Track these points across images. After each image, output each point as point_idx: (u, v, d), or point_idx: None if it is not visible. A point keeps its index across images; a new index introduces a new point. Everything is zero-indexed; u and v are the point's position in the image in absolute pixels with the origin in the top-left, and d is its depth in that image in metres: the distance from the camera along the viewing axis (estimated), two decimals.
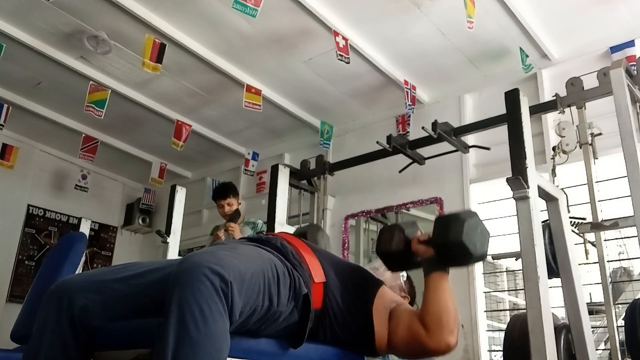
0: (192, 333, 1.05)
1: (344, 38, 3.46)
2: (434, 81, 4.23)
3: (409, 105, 3.99)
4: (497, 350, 3.74)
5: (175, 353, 1.04)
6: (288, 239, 1.53)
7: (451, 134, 3.53)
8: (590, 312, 2.60)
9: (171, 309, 1.08)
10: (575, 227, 2.77)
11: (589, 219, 2.81)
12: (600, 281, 2.72)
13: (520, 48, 3.61)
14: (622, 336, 2.49)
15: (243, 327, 1.23)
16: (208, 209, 5.65)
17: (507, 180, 2.15)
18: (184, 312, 1.06)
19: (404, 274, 1.94)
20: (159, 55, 3.51)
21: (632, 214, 2.40)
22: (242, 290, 1.15)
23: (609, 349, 2.82)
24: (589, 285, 3.29)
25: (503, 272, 5.16)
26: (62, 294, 1.28)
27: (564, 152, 3.03)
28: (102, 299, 1.29)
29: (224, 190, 3.97)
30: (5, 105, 4.27)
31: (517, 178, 2.11)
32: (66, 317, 1.26)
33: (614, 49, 3.51)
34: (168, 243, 3.53)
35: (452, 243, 1.40)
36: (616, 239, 3.74)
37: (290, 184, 3.83)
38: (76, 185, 5.37)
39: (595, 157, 2.92)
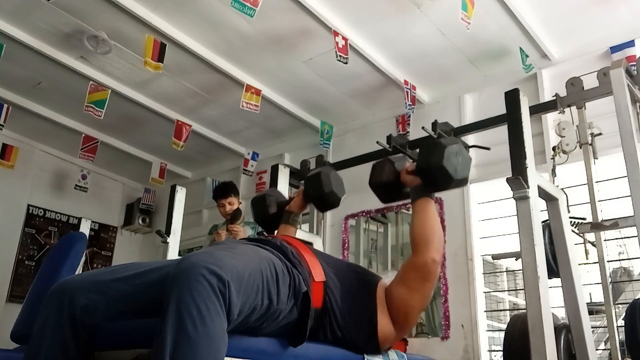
0: (190, 333, 1.05)
1: (343, 38, 3.46)
2: (434, 81, 4.23)
3: (409, 105, 3.99)
4: (497, 350, 3.75)
5: (173, 353, 1.04)
6: (288, 240, 1.54)
7: (451, 134, 3.53)
8: (590, 312, 2.60)
9: (169, 309, 1.08)
10: (575, 227, 2.77)
11: (589, 219, 2.81)
12: (600, 281, 2.72)
13: (520, 48, 3.61)
14: (622, 336, 2.49)
15: (243, 325, 1.23)
16: (208, 209, 5.66)
17: (507, 180, 2.15)
18: (181, 312, 1.07)
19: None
20: (159, 54, 3.52)
21: (632, 214, 2.40)
22: (240, 290, 1.15)
23: (609, 349, 2.82)
24: (589, 285, 3.29)
25: (503, 272, 5.16)
26: (63, 294, 1.28)
27: (564, 152, 3.03)
28: (103, 299, 1.29)
29: (224, 190, 3.96)
30: (5, 105, 4.27)
31: (517, 178, 2.12)
32: (67, 317, 1.26)
33: (614, 49, 3.51)
34: (168, 243, 3.53)
35: (434, 167, 1.52)
36: (616, 239, 3.75)
37: (290, 184, 3.83)
38: (76, 185, 5.37)
39: (595, 157, 2.92)
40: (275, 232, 2.03)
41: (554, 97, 3.16)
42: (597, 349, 2.87)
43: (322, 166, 1.92)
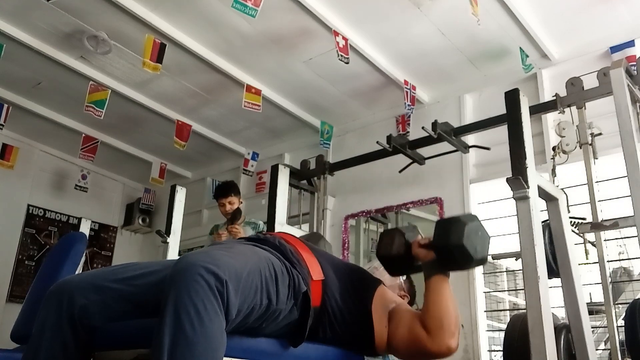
0: (188, 332, 1.05)
1: (344, 38, 3.46)
2: (434, 81, 4.23)
3: (409, 105, 3.99)
4: (497, 350, 3.74)
5: (171, 353, 1.05)
6: (286, 238, 1.53)
7: (451, 134, 3.53)
8: (590, 312, 2.60)
9: (167, 309, 1.08)
10: (575, 227, 2.77)
11: (589, 219, 2.81)
12: (600, 281, 2.72)
13: (520, 48, 3.61)
14: (622, 336, 2.49)
15: (243, 325, 1.23)
16: (208, 209, 5.66)
17: (507, 180, 2.15)
18: (179, 311, 1.07)
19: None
20: (159, 55, 3.52)
21: (632, 214, 2.40)
22: (238, 289, 1.15)
23: (609, 349, 2.82)
24: (589, 285, 3.29)
25: (503, 272, 5.16)
26: (62, 294, 1.28)
27: (564, 152, 3.03)
28: (102, 299, 1.29)
29: (225, 189, 3.97)
30: (5, 105, 4.27)
31: (517, 178, 2.11)
32: (66, 317, 1.26)
33: (614, 49, 3.51)
34: (168, 243, 3.53)
35: (453, 246, 1.41)
36: (616, 239, 3.74)
37: (290, 184, 3.83)
38: (76, 185, 5.36)
39: (595, 157, 2.92)
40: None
41: (554, 97, 3.16)
42: (597, 349, 2.87)
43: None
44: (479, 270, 3.83)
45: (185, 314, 1.06)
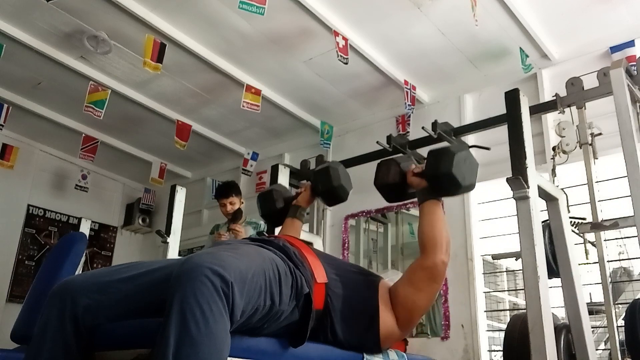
0: (193, 333, 1.05)
1: (344, 38, 3.46)
2: (434, 81, 4.23)
3: (409, 105, 3.99)
4: (497, 350, 3.75)
5: (176, 353, 1.05)
6: (290, 241, 1.54)
7: (451, 134, 3.53)
8: (590, 312, 2.60)
9: (172, 310, 1.08)
10: (575, 227, 2.77)
11: (589, 219, 2.81)
12: (600, 281, 2.72)
13: (520, 48, 3.61)
14: (622, 336, 2.49)
15: (245, 325, 1.23)
16: (208, 209, 5.66)
17: (507, 180, 2.15)
18: (185, 312, 1.07)
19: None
20: (159, 55, 3.52)
21: (632, 214, 2.40)
22: (243, 291, 1.15)
23: (609, 349, 2.83)
24: (589, 285, 3.29)
25: (503, 272, 5.17)
26: (65, 294, 1.28)
27: (564, 152, 3.03)
28: (105, 299, 1.29)
29: (226, 189, 3.96)
30: (5, 105, 4.27)
31: (517, 178, 2.12)
32: (69, 318, 1.26)
33: (614, 49, 3.51)
34: (168, 243, 3.53)
35: (443, 174, 1.54)
36: (616, 239, 3.75)
37: (290, 184, 3.83)
38: (76, 185, 5.36)
39: (595, 157, 2.92)
40: (280, 228, 2.03)
41: (554, 97, 3.16)
42: (597, 349, 2.87)
43: (331, 161, 1.93)
44: (479, 271, 3.83)
45: (191, 314, 1.06)
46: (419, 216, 1.62)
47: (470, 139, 3.76)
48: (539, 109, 3.30)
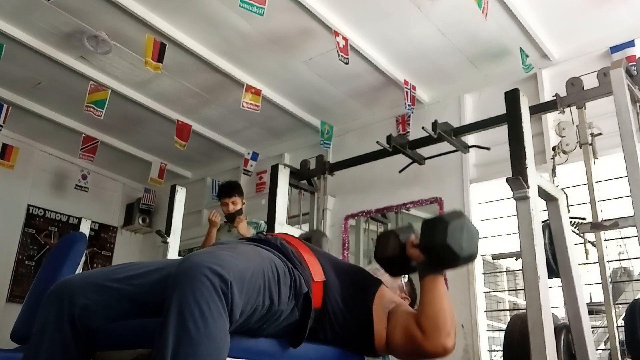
0: (192, 333, 1.05)
1: (344, 38, 3.46)
2: (434, 81, 4.23)
3: (409, 105, 3.99)
4: (497, 350, 3.75)
5: (174, 353, 1.04)
6: (287, 239, 1.53)
7: (451, 134, 3.54)
8: (590, 312, 2.60)
9: (171, 309, 1.08)
10: (575, 227, 2.77)
11: (589, 219, 2.81)
12: (600, 281, 2.72)
13: (520, 48, 3.61)
14: (622, 336, 2.49)
15: (244, 326, 1.23)
16: (208, 209, 5.64)
17: (507, 180, 2.15)
18: (183, 312, 1.06)
19: (405, 275, 1.94)
20: (159, 55, 3.52)
21: (632, 214, 2.40)
22: (242, 290, 1.15)
23: (609, 349, 2.82)
24: (589, 285, 3.28)
25: (503, 272, 5.17)
26: (63, 294, 1.28)
27: (564, 152, 3.03)
28: (103, 299, 1.29)
29: (229, 189, 3.95)
30: (5, 105, 4.27)
31: (517, 178, 2.12)
32: (67, 317, 1.25)
33: (614, 49, 3.51)
34: (168, 243, 3.54)
35: (438, 246, 1.41)
36: (616, 239, 3.74)
37: (290, 184, 3.83)
38: (76, 185, 5.36)
39: (595, 157, 2.92)
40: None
41: (554, 97, 3.16)
42: (597, 349, 2.87)
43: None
44: (479, 271, 3.83)
45: (190, 314, 1.06)
46: (420, 292, 1.48)
47: (470, 139, 3.77)
48: (539, 109, 3.30)
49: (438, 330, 1.37)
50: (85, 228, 4.17)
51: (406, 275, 1.95)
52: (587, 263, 2.97)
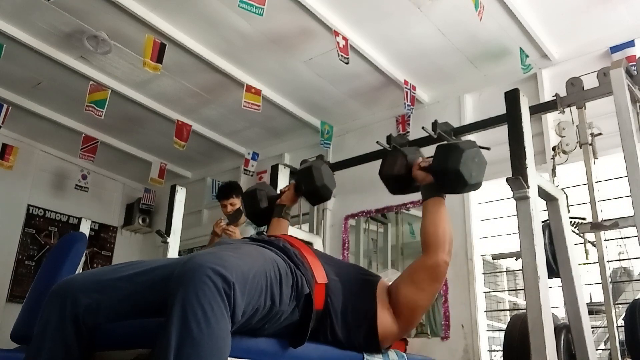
0: (195, 334, 1.05)
1: (344, 38, 3.46)
2: (434, 81, 4.23)
3: (408, 105, 3.99)
4: (497, 350, 3.75)
5: (177, 353, 1.05)
6: (290, 241, 1.54)
7: (451, 134, 3.53)
8: (590, 312, 2.60)
9: (174, 309, 1.08)
10: (575, 227, 2.77)
11: (589, 219, 2.81)
12: (600, 281, 2.72)
13: (520, 48, 3.61)
14: (622, 336, 2.49)
15: (245, 326, 1.23)
16: (208, 209, 5.66)
17: (507, 180, 2.15)
18: (186, 312, 1.07)
19: None
20: (159, 55, 3.52)
21: (632, 214, 2.40)
22: (244, 291, 1.15)
23: (609, 349, 2.83)
24: (589, 285, 3.29)
25: (503, 272, 5.17)
26: (66, 294, 1.28)
27: (564, 152, 3.03)
28: (106, 298, 1.29)
29: (227, 190, 3.96)
30: (5, 105, 4.26)
31: (517, 178, 2.12)
32: (69, 317, 1.25)
33: (614, 49, 3.51)
34: (168, 243, 3.53)
35: (450, 171, 1.51)
36: (616, 239, 3.75)
37: None
38: (76, 185, 5.36)
39: (595, 157, 2.92)
40: (268, 227, 2.03)
41: (554, 97, 3.16)
42: (597, 349, 2.87)
43: (313, 160, 1.90)
44: (479, 270, 3.83)
45: (193, 314, 1.06)
46: (422, 213, 1.59)
47: (470, 139, 3.76)
48: (539, 109, 3.30)
49: (438, 245, 1.50)
50: (85, 228, 4.16)
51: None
52: (587, 263, 2.97)
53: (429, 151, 3.84)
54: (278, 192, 2.11)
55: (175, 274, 1.14)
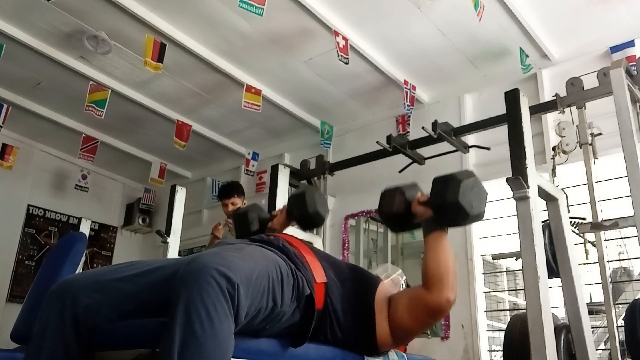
0: (198, 334, 1.05)
1: (344, 38, 3.46)
2: (434, 81, 4.23)
3: (408, 105, 3.99)
4: (497, 350, 3.75)
5: (180, 354, 1.05)
6: (289, 240, 1.53)
7: (451, 134, 3.54)
8: (590, 312, 2.60)
9: (178, 310, 1.08)
10: (575, 227, 2.77)
11: (589, 219, 2.82)
12: (600, 281, 2.72)
13: (520, 48, 3.61)
14: (622, 336, 2.49)
15: (247, 327, 1.23)
16: (208, 209, 5.66)
17: (507, 180, 2.15)
18: (190, 313, 1.07)
19: (403, 283, 1.96)
20: (159, 55, 3.52)
21: (632, 214, 2.40)
22: (248, 292, 1.15)
23: (609, 349, 2.83)
24: (589, 285, 3.29)
25: (503, 272, 5.17)
26: (66, 294, 1.28)
27: (564, 152, 3.04)
28: (107, 298, 1.29)
29: (228, 190, 3.97)
30: (5, 105, 4.27)
31: (517, 178, 2.12)
32: (69, 317, 1.25)
33: (614, 49, 3.51)
34: (168, 243, 3.53)
35: (449, 204, 1.45)
36: (616, 239, 3.75)
37: (290, 184, 3.83)
38: (76, 185, 5.36)
39: (595, 157, 2.92)
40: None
41: (554, 97, 3.16)
42: (597, 349, 2.87)
43: (305, 186, 1.86)
44: (479, 270, 3.84)
45: (196, 315, 1.06)
46: (424, 248, 1.52)
47: (470, 139, 3.76)
48: (539, 109, 3.30)
49: (442, 284, 1.42)
50: (85, 228, 4.16)
51: (404, 283, 1.96)
52: (587, 263, 2.97)
53: (429, 151, 3.86)
54: (270, 214, 2.06)
55: (179, 274, 1.14)
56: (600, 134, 3.00)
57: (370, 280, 1.57)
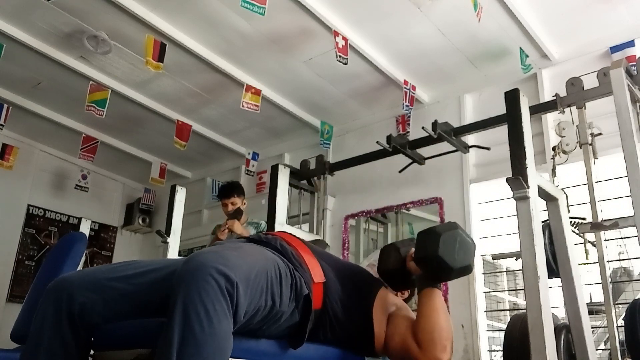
0: (197, 333, 1.05)
1: (344, 38, 3.46)
2: (434, 81, 4.23)
3: (407, 105, 3.99)
4: (497, 350, 3.75)
5: (179, 352, 1.05)
6: (287, 239, 1.52)
7: (451, 134, 3.54)
8: (590, 312, 2.60)
9: (176, 309, 1.08)
10: (575, 227, 2.77)
11: (589, 219, 2.81)
12: (600, 281, 2.72)
13: (520, 48, 3.61)
14: (622, 336, 2.49)
15: (245, 327, 1.23)
16: (208, 209, 5.66)
17: (507, 180, 2.15)
18: (189, 312, 1.06)
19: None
20: (159, 55, 3.52)
21: (632, 214, 2.40)
22: (247, 291, 1.15)
23: (609, 349, 2.82)
24: (589, 285, 3.29)
25: (503, 272, 5.17)
26: (61, 291, 1.28)
27: (564, 152, 3.03)
28: (102, 297, 1.28)
29: (228, 190, 3.98)
30: (5, 105, 4.27)
31: (517, 178, 2.11)
32: (65, 315, 1.25)
33: (614, 49, 3.51)
34: (168, 243, 3.53)
35: (430, 259, 1.40)
36: (616, 239, 3.75)
37: (290, 184, 3.83)
38: (76, 185, 5.36)
39: (595, 157, 2.92)
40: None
41: (554, 97, 3.16)
42: (597, 349, 2.87)
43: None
44: (479, 271, 3.84)
45: (195, 314, 1.06)
46: (417, 304, 1.46)
47: (470, 139, 3.77)
48: (539, 109, 3.30)
49: (434, 344, 1.36)
50: (85, 228, 4.17)
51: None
52: (587, 263, 2.97)
53: (429, 151, 3.85)
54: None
55: (177, 273, 1.13)
56: (600, 134, 3.00)
57: (371, 282, 1.56)
